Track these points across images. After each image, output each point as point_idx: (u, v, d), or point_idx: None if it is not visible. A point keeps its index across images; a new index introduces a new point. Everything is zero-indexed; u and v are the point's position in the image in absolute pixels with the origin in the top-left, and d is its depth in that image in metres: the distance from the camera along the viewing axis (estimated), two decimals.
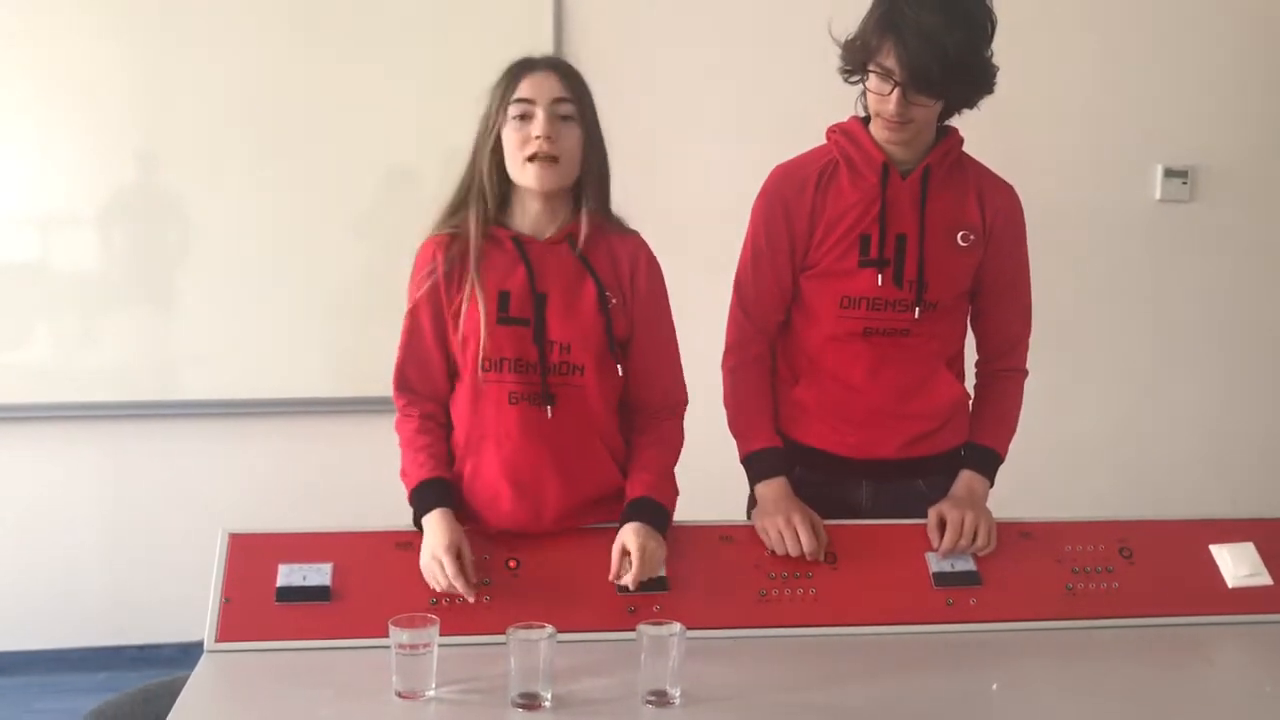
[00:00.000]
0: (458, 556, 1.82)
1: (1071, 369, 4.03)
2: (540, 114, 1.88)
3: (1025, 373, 2.23)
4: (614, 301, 1.98)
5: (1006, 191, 2.16)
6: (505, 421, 1.94)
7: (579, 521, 1.99)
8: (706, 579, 1.95)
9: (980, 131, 2.15)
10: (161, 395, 3.66)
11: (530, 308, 1.94)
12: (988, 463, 2.15)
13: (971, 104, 2.07)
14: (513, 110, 1.89)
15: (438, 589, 1.83)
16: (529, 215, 1.96)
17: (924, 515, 2.09)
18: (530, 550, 1.94)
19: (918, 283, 2.08)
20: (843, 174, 2.10)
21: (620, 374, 2.00)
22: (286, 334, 3.67)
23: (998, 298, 2.17)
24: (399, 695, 1.63)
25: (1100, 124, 4.00)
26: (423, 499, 1.91)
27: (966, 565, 2.01)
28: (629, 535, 1.89)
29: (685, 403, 2.10)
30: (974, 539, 2.01)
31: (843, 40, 2.05)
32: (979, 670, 1.80)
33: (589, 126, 1.93)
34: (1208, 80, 4.04)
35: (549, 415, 1.94)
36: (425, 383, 2.00)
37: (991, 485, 2.15)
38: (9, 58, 3.49)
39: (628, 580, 1.86)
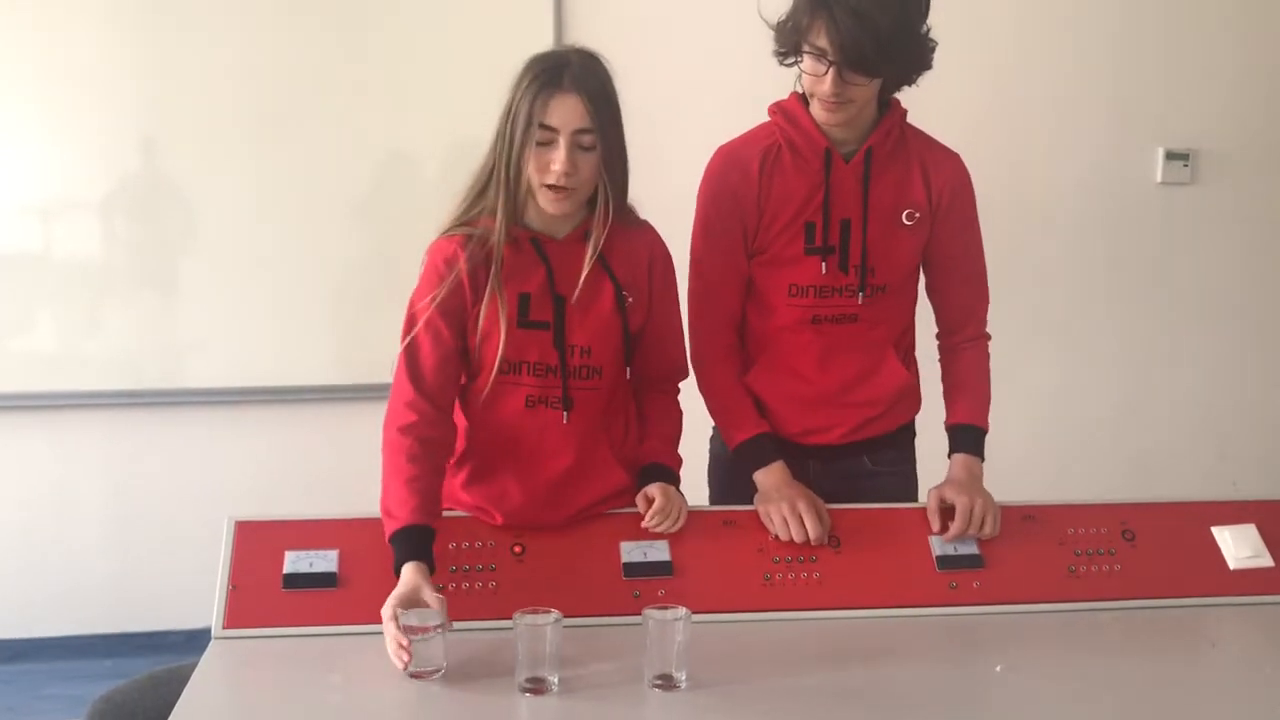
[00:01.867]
0: (408, 605, 1.71)
1: (1072, 352, 4.03)
2: (562, 146, 1.83)
3: (988, 336, 2.22)
4: (630, 300, 1.98)
5: (951, 163, 2.13)
6: (521, 425, 1.95)
7: (584, 516, 2.00)
8: (711, 563, 1.95)
9: (981, 115, 2.15)
10: (166, 383, 3.66)
11: (550, 310, 1.93)
12: (974, 440, 2.14)
13: (910, 81, 2.05)
14: (536, 134, 1.84)
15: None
16: (545, 215, 1.93)
17: (871, 490, 2.11)
18: (536, 536, 1.94)
19: (861, 267, 2.07)
20: (786, 158, 2.08)
21: (629, 374, 2.03)
22: (290, 321, 3.67)
23: (950, 270, 2.17)
24: (412, 676, 1.64)
25: (1101, 106, 3.99)
26: (401, 547, 1.80)
27: (969, 548, 2.02)
28: (653, 488, 1.97)
29: (687, 374, 2.15)
30: (981, 525, 2.01)
31: (774, 22, 2.01)
32: (982, 652, 1.81)
33: (610, 145, 1.88)
34: (1210, 62, 4.03)
35: (565, 420, 1.95)
36: (445, 391, 1.93)
37: (983, 459, 2.14)
38: (12, 47, 3.49)
39: (657, 522, 1.94)
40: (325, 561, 1.87)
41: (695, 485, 2.18)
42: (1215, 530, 2.09)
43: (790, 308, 2.11)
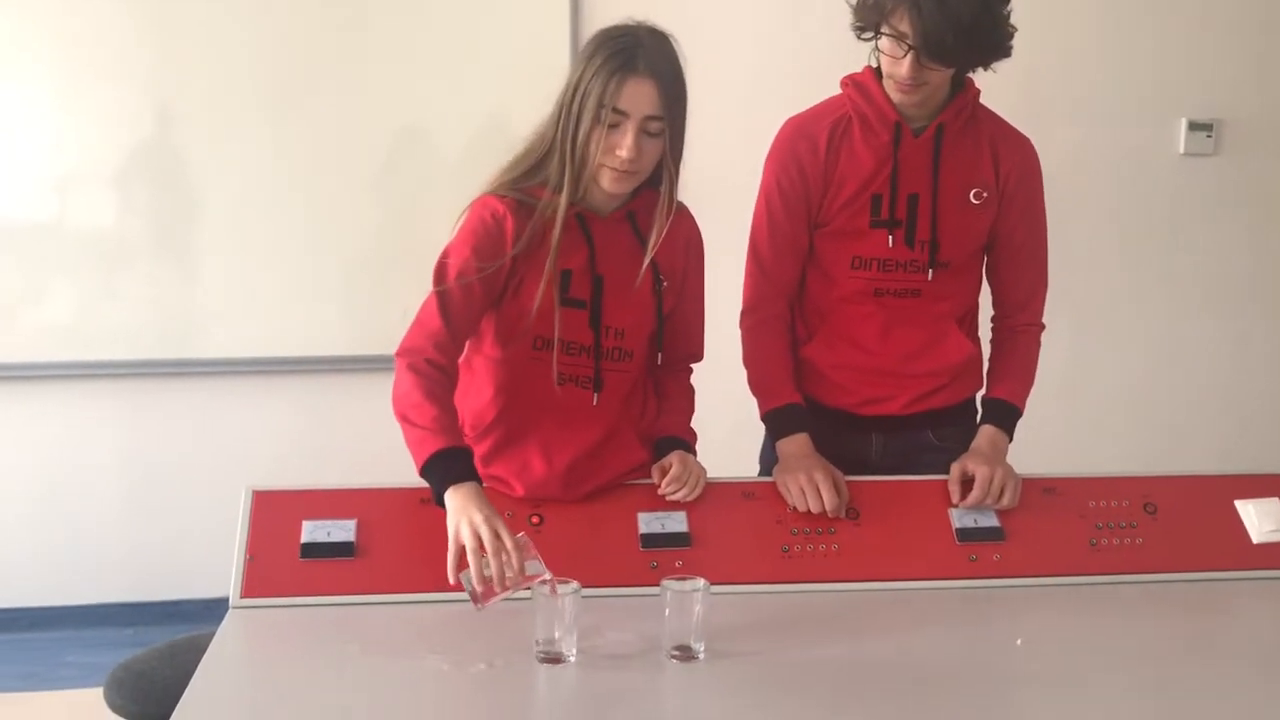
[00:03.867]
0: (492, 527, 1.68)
1: (1094, 325, 4.01)
2: (630, 131, 1.79)
3: (1041, 327, 2.22)
4: (665, 284, 1.98)
5: (1022, 146, 2.13)
6: (550, 402, 1.93)
7: (601, 491, 1.99)
8: (729, 535, 1.95)
9: (1002, 84, 2.12)
10: (184, 354, 3.67)
11: (588, 289, 1.92)
12: (1007, 417, 2.14)
13: (986, 66, 2.03)
14: (606, 117, 1.79)
15: (466, 577, 1.68)
16: (596, 192, 1.89)
17: (934, 465, 2.09)
18: (554, 506, 1.94)
19: (930, 243, 2.06)
20: (855, 130, 2.07)
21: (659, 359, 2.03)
22: (306, 292, 3.68)
23: (1013, 254, 2.16)
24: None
25: (1123, 76, 3.95)
26: (452, 467, 1.75)
27: (990, 521, 2.00)
28: (671, 456, 1.97)
29: (702, 358, 2.14)
30: (1000, 496, 2.00)
31: None
32: (1002, 625, 1.81)
33: (676, 133, 1.85)
34: (1234, 31, 3.98)
35: (595, 401, 1.94)
36: (466, 327, 1.89)
37: (1010, 440, 2.14)
38: (28, 19, 3.48)
39: (674, 489, 1.94)
40: (343, 531, 1.87)
41: (719, 464, 2.17)
42: (1238, 504, 2.07)
43: (852, 279, 2.10)
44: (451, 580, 1.70)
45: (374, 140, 3.65)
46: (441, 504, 1.75)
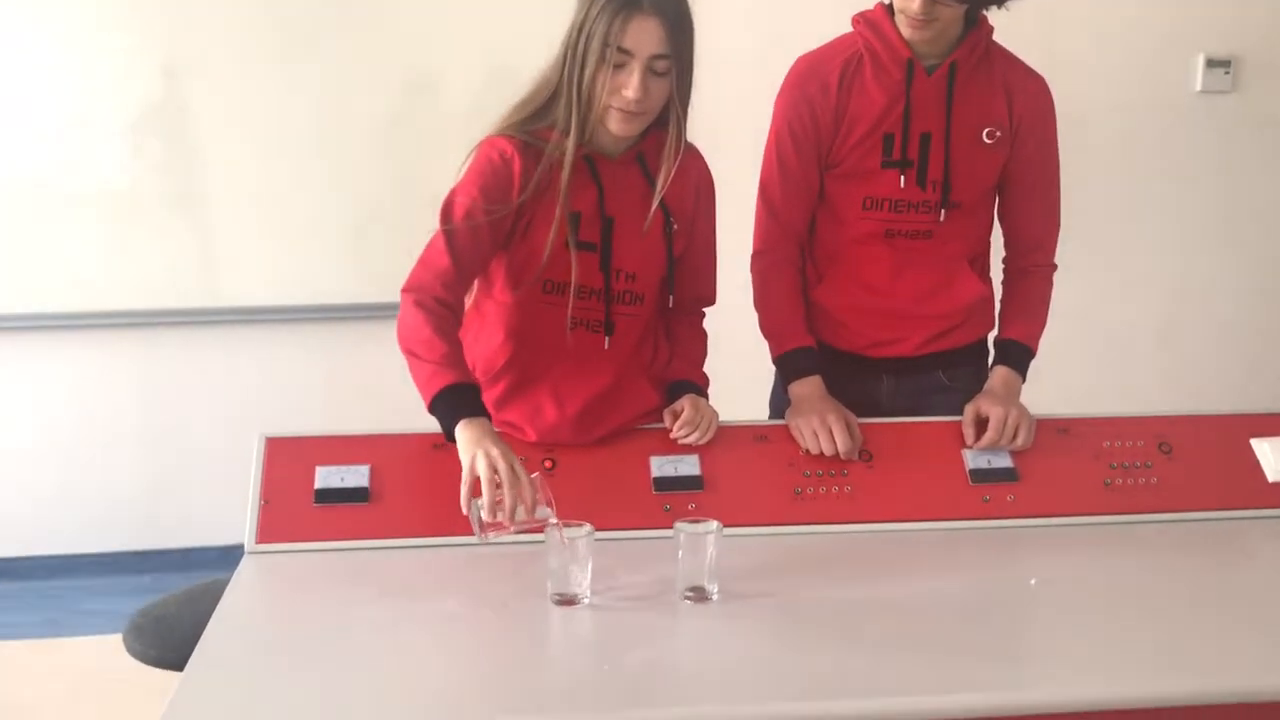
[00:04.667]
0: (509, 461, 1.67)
1: (1109, 264, 3.98)
2: (636, 71, 1.77)
3: (1054, 267, 2.19)
4: (676, 227, 1.96)
5: (1035, 84, 2.10)
6: (561, 346, 1.93)
7: (614, 435, 1.99)
8: (742, 478, 1.95)
9: (1016, 22, 2.08)
10: (196, 303, 3.68)
11: (598, 231, 1.90)
12: (1020, 358, 2.13)
13: (1000, 3, 2.00)
14: (611, 57, 1.77)
15: (476, 506, 1.67)
16: (604, 134, 1.87)
17: (946, 406, 2.09)
18: (567, 450, 1.94)
19: (942, 183, 2.04)
20: (867, 69, 2.05)
21: (670, 302, 2.02)
22: (318, 240, 3.68)
23: (1025, 194, 2.13)
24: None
25: (1139, 12, 3.89)
26: (464, 401, 1.74)
27: (1003, 462, 2.00)
28: (683, 400, 1.97)
29: (715, 301, 2.13)
30: (1014, 436, 1.99)
31: None
32: (1015, 566, 1.80)
33: (683, 72, 1.83)
34: None
35: (606, 345, 1.94)
36: (472, 267, 1.88)
37: (1024, 380, 2.12)
38: None
39: (686, 432, 1.93)
40: (356, 476, 1.87)
41: (730, 408, 2.16)
42: (1254, 442, 2.06)
43: (863, 220, 2.08)
44: (465, 509, 1.69)
45: (384, 88, 3.63)
46: (451, 439, 1.74)
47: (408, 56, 3.61)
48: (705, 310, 2.15)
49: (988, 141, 2.06)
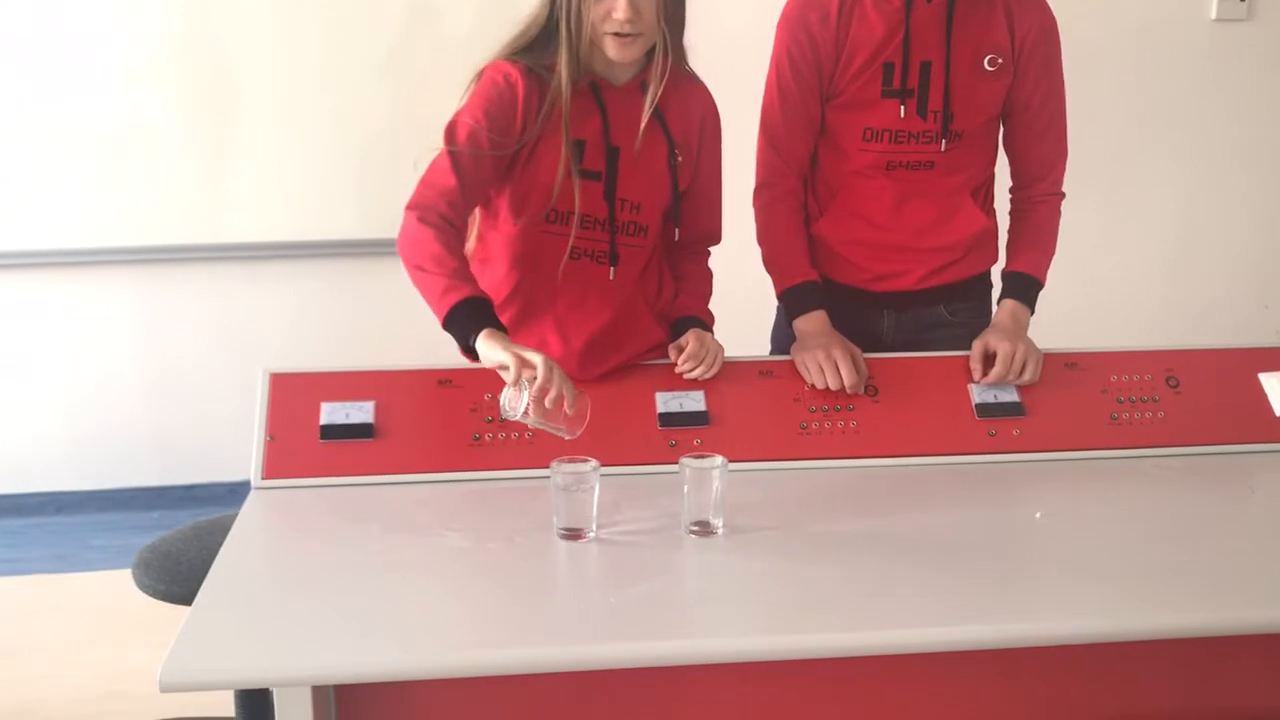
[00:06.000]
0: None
1: (1122, 196, 3.94)
2: None
3: (1061, 195, 2.16)
4: (680, 159, 1.95)
5: (1038, 9, 2.05)
6: (564, 277, 1.92)
7: (619, 370, 1.98)
8: (747, 413, 1.94)
9: None
10: (199, 239, 3.67)
11: (602, 160, 1.89)
12: (1028, 290, 2.11)
13: None
14: None
15: (508, 396, 1.66)
16: (606, 61, 1.87)
17: (948, 341, 2.08)
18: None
19: (943, 113, 2.01)
20: None
21: (675, 235, 2.00)
22: (320, 176, 3.65)
23: (1030, 121, 2.10)
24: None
25: None
26: (483, 314, 1.73)
27: (1010, 396, 1.99)
28: (688, 335, 1.95)
29: (720, 239, 2.12)
30: (1021, 372, 1.98)
31: None
32: (1022, 500, 1.81)
33: None
34: None
35: (611, 276, 1.93)
36: (476, 189, 1.86)
37: (1032, 313, 2.11)
38: None
39: (691, 366, 1.92)
40: (362, 412, 1.87)
41: (734, 344, 2.15)
42: (1262, 376, 2.05)
43: (864, 152, 2.05)
44: (514, 384, 1.66)
45: (383, 21, 3.58)
46: (468, 351, 1.73)
47: None
48: (711, 249, 2.14)
49: (989, 69, 2.02)
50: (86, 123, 3.56)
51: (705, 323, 2.05)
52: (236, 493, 1.83)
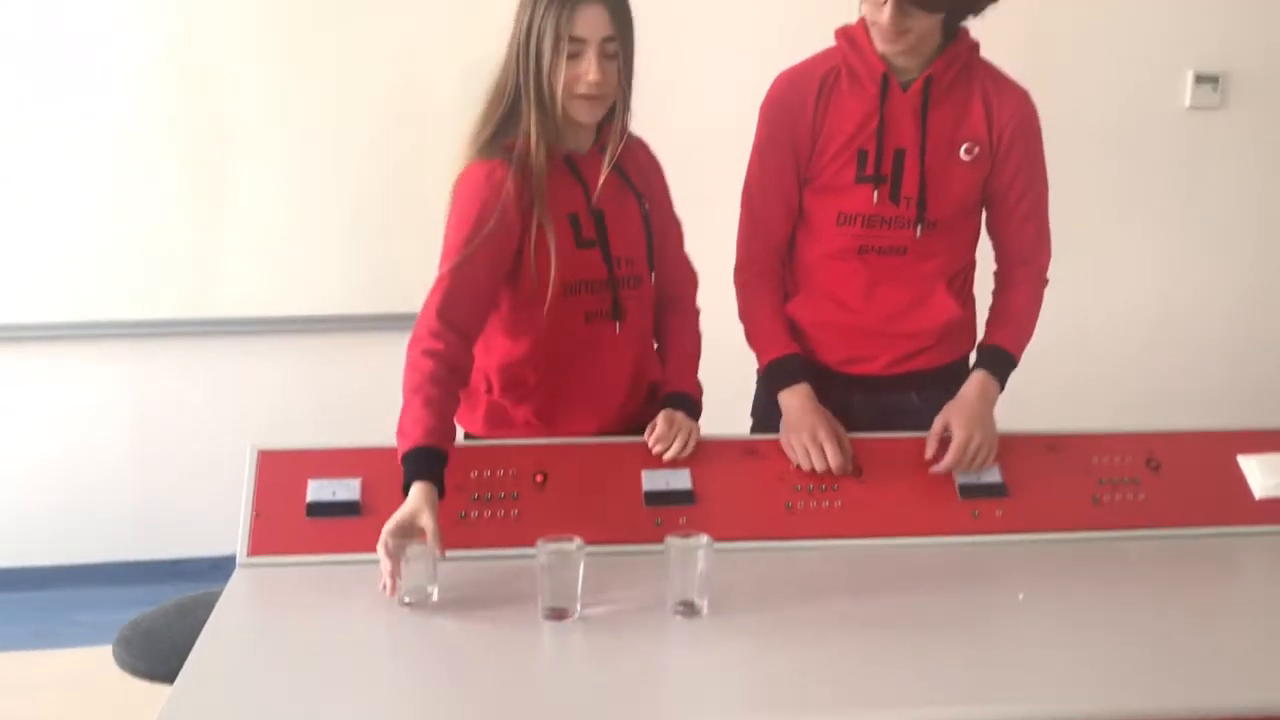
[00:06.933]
0: (405, 533, 1.68)
1: (1098, 280, 3.99)
2: (592, 56, 1.85)
3: (1045, 281, 2.17)
4: (647, 207, 2.03)
5: (1017, 98, 2.07)
6: (583, 341, 1.98)
7: (636, 419, 2.04)
8: (732, 491, 1.95)
9: (1006, 36, 2.09)
10: (189, 313, 3.67)
11: (593, 226, 1.95)
12: (1001, 364, 2.10)
13: (976, 12, 1.98)
14: (565, 48, 1.84)
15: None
16: (572, 131, 1.94)
17: (915, 428, 2.06)
18: (557, 464, 1.94)
19: (917, 200, 2.03)
20: (844, 83, 2.04)
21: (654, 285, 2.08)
22: (309, 251, 3.66)
23: (1010, 210, 2.11)
24: (404, 604, 1.64)
25: (1128, 28, 3.91)
26: (411, 467, 1.75)
27: (993, 477, 2.00)
28: (659, 416, 1.99)
29: (696, 280, 2.18)
30: (973, 461, 1.98)
31: None
32: (1005, 581, 1.81)
33: (628, 51, 1.91)
34: None
35: (618, 330, 1.99)
36: (472, 320, 1.89)
37: (1002, 389, 2.09)
38: None
39: (662, 449, 1.95)
40: (348, 490, 1.88)
41: (732, 416, 2.19)
42: (1241, 459, 2.07)
43: (837, 236, 2.07)
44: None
45: (373, 97, 3.62)
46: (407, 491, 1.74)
47: (396, 62, 3.60)
48: (696, 292, 2.18)
49: (965, 157, 2.04)
50: (76, 196, 3.57)
51: (691, 398, 2.07)
52: (221, 567, 1.83)
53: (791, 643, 1.58)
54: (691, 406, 2.06)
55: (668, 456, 1.96)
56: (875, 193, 2.03)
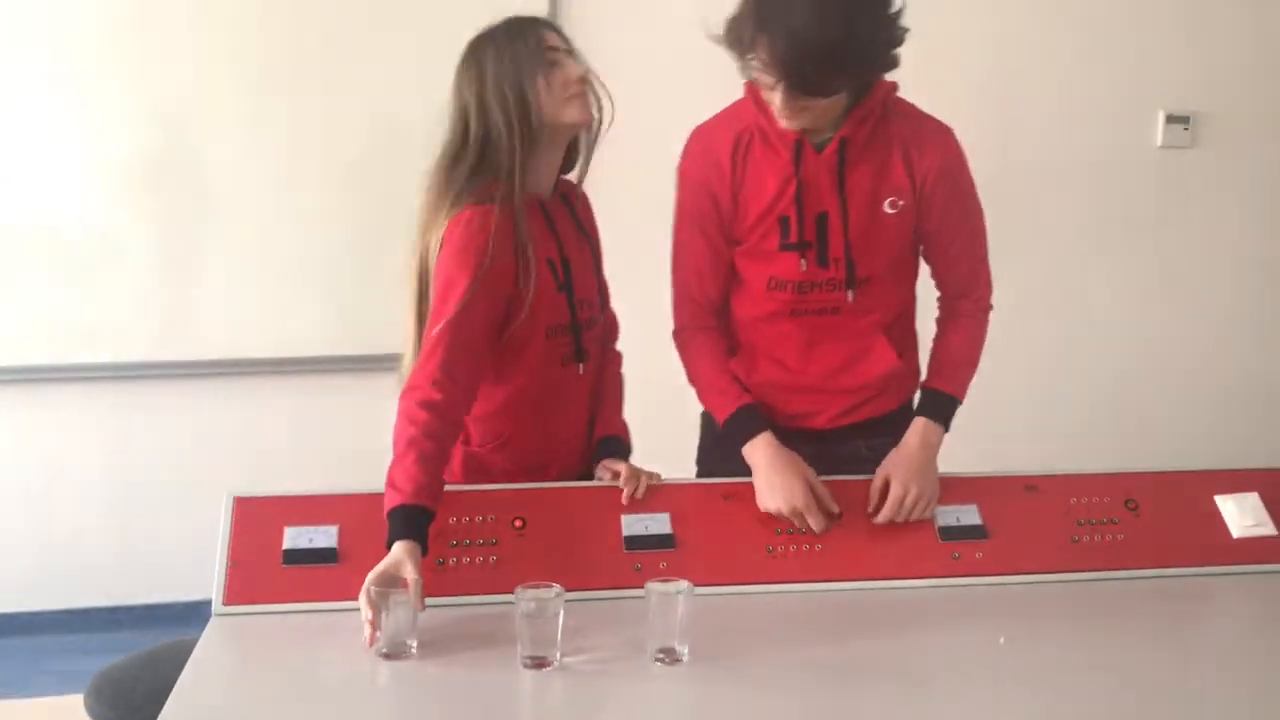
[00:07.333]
0: (388, 584, 1.67)
1: (1074, 320, 4.01)
2: (571, 55, 1.94)
3: (988, 308, 2.12)
4: (596, 249, 2.09)
5: (937, 140, 2.00)
6: (557, 383, 2.01)
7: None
8: (712, 536, 1.94)
9: (979, 77, 2.12)
10: (164, 356, 3.65)
11: (563, 271, 1.98)
12: (942, 408, 2.05)
13: (870, 83, 1.91)
14: (546, 58, 1.91)
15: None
16: (540, 174, 1.97)
17: (866, 475, 2.03)
18: (536, 509, 1.93)
19: (845, 261, 1.98)
20: (757, 148, 1.98)
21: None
22: (286, 293, 3.65)
23: (944, 248, 2.07)
24: (383, 656, 1.62)
25: (1100, 70, 3.96)
26: (397, 523, 1.74)
27: (972, 519, 2.01)
28: (617, 465, 2.02)
29: (618, 330, 2.20)
30: (910, 514, 1.97)
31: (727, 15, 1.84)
32: (986, 623, 1.80)
33: None
34: (1211, 23, 4.00)
35: (580, 371, 2.02)
36: (473, 372, 1.88)
37: (947, 430, 2.06)
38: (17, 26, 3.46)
39: (631, 490, 1.96)
40: (325, 537, 1.86)
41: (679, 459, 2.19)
42: (1219, 499, 2.08)
43: (769, 299, 2.03)
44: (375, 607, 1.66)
45: (352, 140, 3.63)
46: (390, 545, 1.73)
47: (375, 107, 3.60)
48: (619, 351, 2.20)
49: (890, 211, 1.98)
50: (47, 237, 3.55)
51: (624, 440, 2.11)
52: (196, 611, 1.82)
53: (773, 691, 1.57)
54: (626, 449, 2.10)
55: (638, 495, 1.96)
56: (803, 259, 1.98)
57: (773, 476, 1.96)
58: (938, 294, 2.17)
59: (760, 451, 2.00)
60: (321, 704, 1.52)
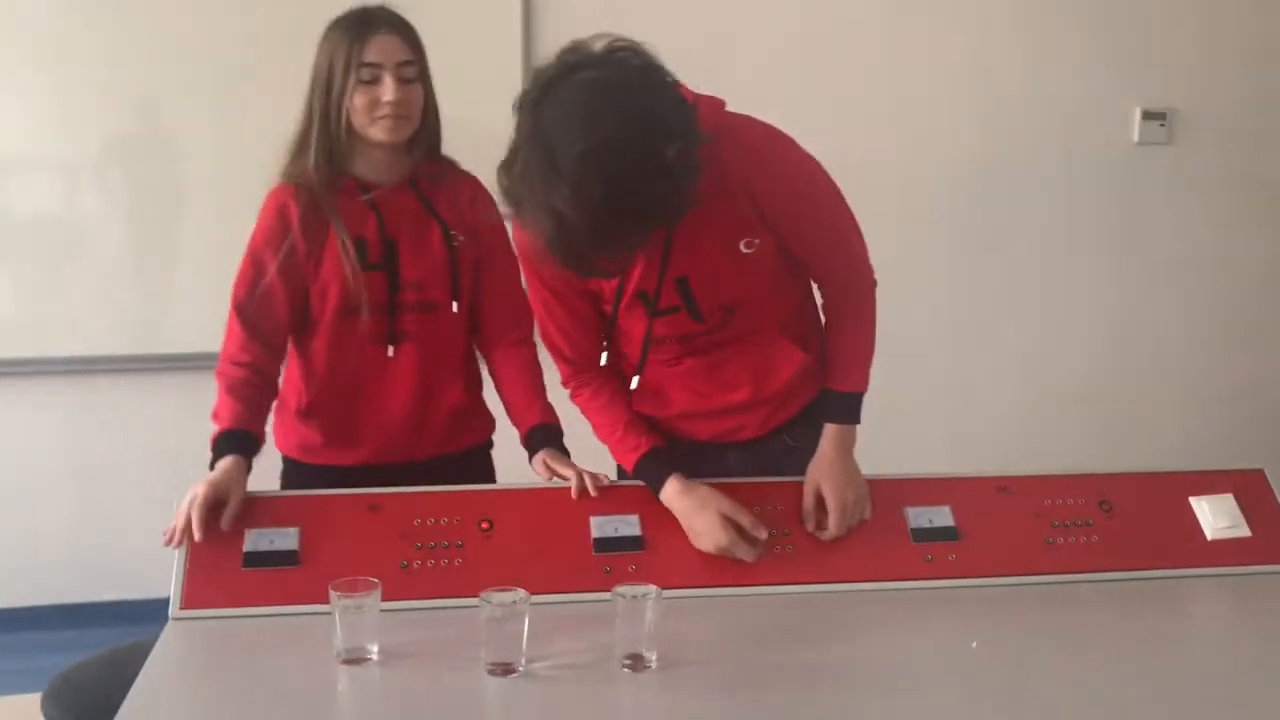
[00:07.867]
0: (211, 504, 1.81)
1: (1047, 316, 4.01)
2: (388, 79, 1.96)
3: (872, 284, 2.03)
4: (460, 239, 2.08)
5: (770, 164, 1.85)
6: (364, 363, 2.07)
7: (441, 446, 2.13)
8: (682, 538, 1.91)
9: (955, 74, 2.10)
10: (125, 350, 3.60)
11: (382, 253, 2.04)
12: (849, 408, 2.00)
13: (668, 227, 1.77)
14: (361, 75, 1.96)
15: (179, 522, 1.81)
16: (371, 162, 2.05)
17: (795, 466, 1.99)
18: (503, 511, 1.91)
19: (717, 309, 1.93)
20: None
21: (463, 307, 2.12)
22: None
23: (814, 256, 1.98)
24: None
25: (1077, 66, 3.96)
26: (224, 446, 1.93)
27: (945, 520, 1.99)
28: (557, 462, 2.02)
29: (533, 329, 2.13)
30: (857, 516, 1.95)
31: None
32: (959, 626, 1.79)
33: (426, 82, 2.04)
34: (1186, 20, 4.00)
35: (390, 354, 2.06)
36: (266, 319, 2.04)
37: (858, 423, 2.01)
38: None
39: (590, 489, 1.95)
40: (286, 539, 1.82)
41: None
42: (1193, 500, 2.06)
43: (658, 351, 1.98)
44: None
45: None
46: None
47: None
48: (532, 338, 2.16)
49: (747, 250, 1.89)
50: (9, 228, 3.50)
51: (553, 425, 2.10)
52: (156, 609, 1.79)
53: (740, 697, 1.54)
54: (557, 433, 2.10)
55: (589, 491, 1.95)
56: (675, 319, 1.93)
57: (692, 521, 1.91)
58: (819, 291, 2.08)
59: (672, 499, 1.93)
60: (279, 711, 1.49)
